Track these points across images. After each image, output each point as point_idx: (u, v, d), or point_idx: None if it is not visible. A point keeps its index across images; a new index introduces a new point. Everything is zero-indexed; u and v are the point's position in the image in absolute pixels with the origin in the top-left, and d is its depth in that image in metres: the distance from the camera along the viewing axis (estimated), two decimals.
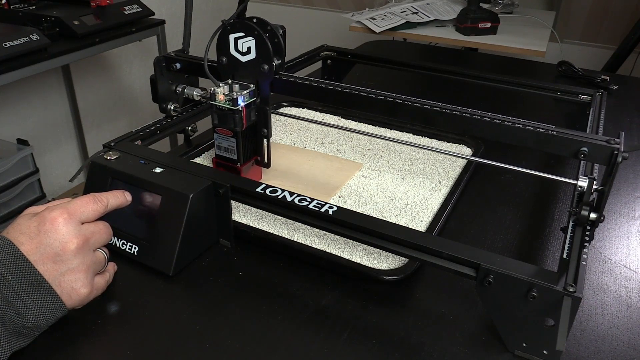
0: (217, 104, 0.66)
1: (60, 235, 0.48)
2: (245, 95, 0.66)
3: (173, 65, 0.75)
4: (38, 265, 0.47)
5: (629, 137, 0.96)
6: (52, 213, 0.48)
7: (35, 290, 0.46)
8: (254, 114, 0.69)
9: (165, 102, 0.76)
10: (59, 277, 0.48)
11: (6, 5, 1.60)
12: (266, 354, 0.49)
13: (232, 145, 0.68)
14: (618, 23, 2.07)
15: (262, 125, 0.70)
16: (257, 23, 0.65)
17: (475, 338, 0.51)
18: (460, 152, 0.85)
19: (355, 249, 0.61)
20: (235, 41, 0.66)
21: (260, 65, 0.66)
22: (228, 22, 0.66)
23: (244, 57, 0.67)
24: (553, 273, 0.47)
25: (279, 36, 0.65)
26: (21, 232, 0.47)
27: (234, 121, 0.66)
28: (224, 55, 0.68)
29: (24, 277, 0.46)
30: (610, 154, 0.54)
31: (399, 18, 1.74)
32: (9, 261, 0.45)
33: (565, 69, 1.22)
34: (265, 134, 0.71)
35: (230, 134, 0.68)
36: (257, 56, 0.66)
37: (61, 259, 0.48)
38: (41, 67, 1.45)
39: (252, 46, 0.66)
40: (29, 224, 0.48)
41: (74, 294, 0.49)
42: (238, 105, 0.65)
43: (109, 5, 1.69)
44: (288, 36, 0.69)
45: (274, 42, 0.65)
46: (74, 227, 0.49)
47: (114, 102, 2.35)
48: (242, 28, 0.65)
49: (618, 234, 0.69)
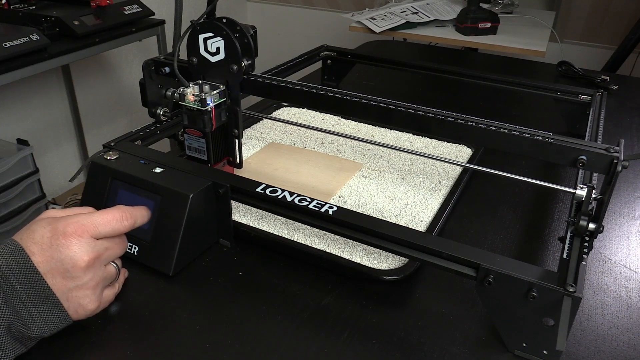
0: (186, 104, 0.66)
1: (71, 252, 0.46)
2: (215, 96, 0.66)
3: (162, 69, 0.74)
4: (47, 278, 0.46)
5: (629, 137, 0.96)
6: (67, 227, 0.47)
7: (42, 302, 0.45)
8: (225, 115, 0.68)
9: (155, 106, 0.75)
10: (67, 292, 0.47)
11: (6, 5, 1.60)
12: (266, 354, 0.49)
13: (202, 146, 0.68)
14: (618, 23, 2.07)
15: (233, 126, 0.70)
16: (226, 23, 0.65)
17: (475, 338, 0.51)
18: (461, 151, 0.85)
19: (355, 249, 0.61)
20: (205, 41, 0.66)
21: (229, 66, 0.66)
22: (197, 22, 0.65)
23: (214, 57, 0.66)
24: (553, 273, 0.47)
25: (249, 36, 0.65)
26: (34, 241, 0.46)
27: (203, 121, 0.66)
28: (194, 56, 0.68)
29: (33, 288, 0.45)
30: (609, 162, 0.53)
31: (399, 18, 1.74)
32: (19, 271, 0.45)
33: (565, 69, 1.22)
34: (236, 135, 0.70)
35: (200, 134, 0.67)
36: (226, 56, 0.66)
37: (70, 276, 0.47)
38: (41, 67, 1.45)
39: (221, 46, 0.65)
40: (42, 233, 0.47)
41: (81, 310, 0.48)
42: (207, 106, 0.65)
43: (109, 5, 1.69)
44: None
45: (243, 43, 0.65)
46: (86, 244, 0.47)
47: (114, 102, 2.35)
48: (211, 28, 0.65)
49: (618, 234, 0.68)
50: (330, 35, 2.47)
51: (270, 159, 0.81)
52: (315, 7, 2.72)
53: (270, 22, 2.82)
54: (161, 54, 1.88)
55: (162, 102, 0.76)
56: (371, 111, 0.64)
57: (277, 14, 2.84)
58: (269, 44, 2.34)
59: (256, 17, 2.89)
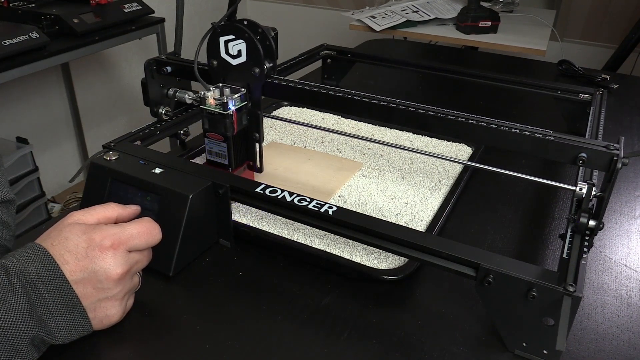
0: (207, 108, 0.65)
1: (106, 264, 0.46)
2: (236, 99, 0.65)
3: (164, 68, 0.74)
4: (78, 287, 0.46)
5: (629, 136, 0.96)
6: (104, 240, 0.47)
7: (69, 311, 0.45)
8: (246, 118, 0.68)
9: (157, 105, 0.75)
10: (95, 302, 0.47)
11: (5, 4, 1.60)
12: (266, 354, 0.49)
13: (223, 150, 0.67)
14: (618, 22, 2.07)
15: (254, 130, 0.69)
16: (248, 25, 0.64)
17: (475, 338, 0.51)
18: (461, 150, 0.85)
19: (355, 249, 0.61)
20: (226, 44, 0.65)
21: (251, 69, 0.65)
22: (218, 25, 0.64)
23: (235, 60, 0.66)
24: (553, 273, 0.47)
25: (270, 39, 0.64)
26: (68, 249, 0.46)
27: (225, 126, 0.65)
28: (214, 59, 0.67)
29: (61, 297, 0.45)
30: (609, 160, 0.53)
31: (399, 16, 1.73)
32: (49, 280, 0.44)
33: (565, 67, 1.22)
34: (257, 138, 0.69)
35: (221, 138, 0.66)
36: (248, 59, 0.65)
37: (102, 287, 0.47)
38: (40, 65, 1.45)
39: (243, 49, 0.65)
40: (77, 242, 0.46)
41: (106, 320, 0.49)
42: (229, 110, 0.64)
43: (108, 3, 1.69)
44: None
45: (265, 45, 0.64)
46: (121, 257, 0.47)
47: (114, 101, 2.34)
48: (233, 31, 0.64)
49: (618, 233, 0.68)
50: (330, 34, 2.47)
51: (271, 158, 0.81)
52: (315, 5, 2.72)
53: (270, 20, 2.81)
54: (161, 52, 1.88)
55: (163, 102, 0.76)
56: (373, 109, 0.64)
57: (276, 12, 2.83)
58: None
59: (256, 15, 2.89)
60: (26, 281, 0.43)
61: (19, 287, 0.43)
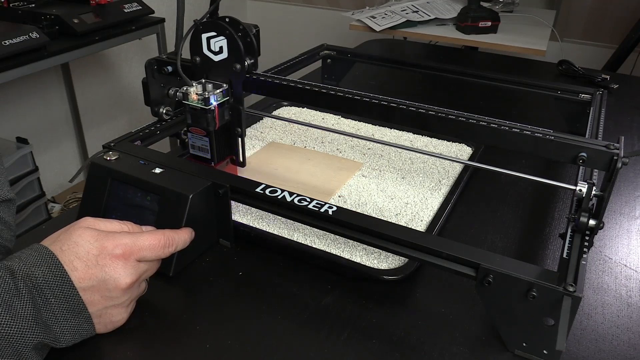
0: (190, 103, 0.66)
1: (116, 274, 0.46)
2: (218, 95, 0.66)
3: (165, 68, 0.75)
4: (85, 295, 0.45)
5: (629, 136, 0.96)
6: (116, 249, 0.47)
7: (74, 316, 0.45)
8: (228, 114, 0.69)
9: (158, 105, 0.76)
10: (102, 309, 0.47)
11: (5, 4, 1.60)
12: (266, 354, 0.49)
13: (205, 145, 0.69)
14: (618, 22, 2.07)
15: (236, 125, 0.70)
16: (229, 23, 0.65)
17: (475, 338, 0.51)
18: (460, 150, 0.85)
19: (355, 249, 0.61)
20: (208, 40, 0.66)
21: (232, 65, 0.66)
22: (200, 22, 0.66)
23: (217, 56, 0.67)
24: (553, 273, 0.47)
25: (252, 36, 0.65)
26: (78, 256, 0.46)
27: (207, 120, 0.66)
28: (197, 55, 0.68)
29: (67, 302, 0.45)
30: (609, 159, 0.53)
31: (399, 17, 1.73)
32: (56, 285, 0.44)
33: (565, 67, 1.22)
34: (239, 133, 0.71)
35: (204, 133, 0.68)
36: (229, 55, 0.66)
37: (110, 296, 0.47)
38: (40, 65, 1.45)
39: (224, 45, 0.66)
40: (88, 249, 0.46)
41: (110, 325, 0.49)
42: (210, 105, 0.65)
43: (108, 4, 1.69)
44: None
45: (246, 42, 0.65)
46: (131, 267, 0.47)
47: (114, 101, 2.34)
48: (214, 27, 0.65)
49: (618, 233, 0.68)
50: (330, 34, 2.47)
51: (271, 158, 0.81)
52: (315, 5, 2.72)
53: (270, 20, 2.82)
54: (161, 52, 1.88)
55: (164, 101, 0.77)
56: (373, 109, 0.64)
57: (276, 12, 2.83)
58: (269, 43, 2.33)
59: (256, 15, 2.89)
60: (32, 285, 0.43)
61: (25, 291, 0.42)
